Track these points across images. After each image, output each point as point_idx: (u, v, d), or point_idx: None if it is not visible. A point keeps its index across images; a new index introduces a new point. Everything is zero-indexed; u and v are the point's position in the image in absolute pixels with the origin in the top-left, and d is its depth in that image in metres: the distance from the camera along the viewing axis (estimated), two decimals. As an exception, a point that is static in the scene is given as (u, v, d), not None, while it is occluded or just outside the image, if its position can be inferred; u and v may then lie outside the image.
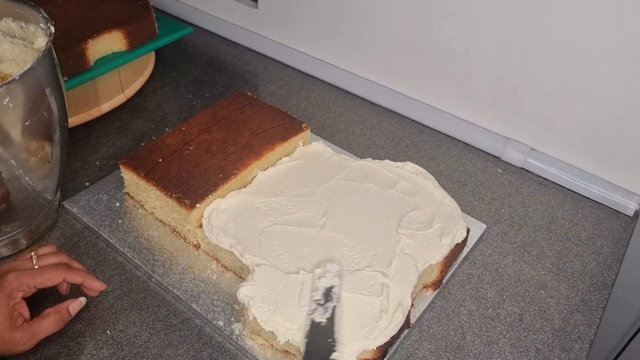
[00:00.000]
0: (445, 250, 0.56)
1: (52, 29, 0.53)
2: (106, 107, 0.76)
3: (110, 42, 0.80)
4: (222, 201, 0.58)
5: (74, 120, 0.73)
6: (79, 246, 0.60)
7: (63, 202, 0.63)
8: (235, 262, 0.55)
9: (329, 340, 0.45)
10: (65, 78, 0.75)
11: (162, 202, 0.59)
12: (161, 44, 0.86)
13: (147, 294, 0.56)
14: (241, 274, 0.56)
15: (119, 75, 0.81)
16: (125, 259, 0.59)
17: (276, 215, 0.58)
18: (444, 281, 0.58)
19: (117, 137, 0.75)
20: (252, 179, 0.62)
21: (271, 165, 0.64)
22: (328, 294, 0.48)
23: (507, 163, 0.76)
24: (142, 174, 0.59)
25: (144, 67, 0.84)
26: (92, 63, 0.78)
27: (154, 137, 0.73)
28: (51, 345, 0.50)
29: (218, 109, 0.69)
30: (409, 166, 0.64)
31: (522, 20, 0.66)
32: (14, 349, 0.47)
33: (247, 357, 0.51)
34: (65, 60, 0.74)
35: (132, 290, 0.56)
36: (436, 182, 0.63)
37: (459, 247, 0.59)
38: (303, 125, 0.67)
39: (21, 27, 0.57)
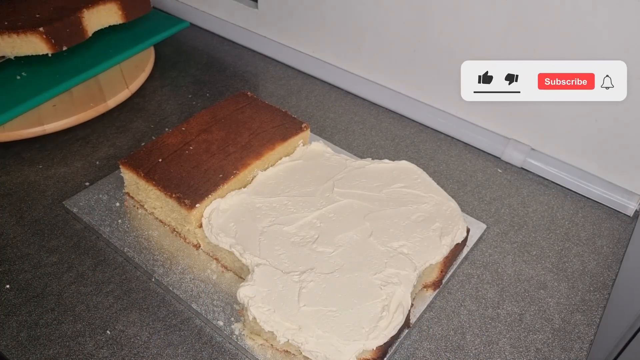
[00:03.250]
0: (445, 250, 0.56)
1: None
2: (112, 102, 0.77)
3: (106, 14, 0.81)
4: (222, 201, 0.58)
5: (79, 118, 0.73)
6: (79, 246, 0.60)
7: (63, 202, 0.63)
8: (235, 262, 0.55)
9: None
10: (65, 47, 0.75)
11: (162, 202, 0.59)
12: (159, 39, 0.87)
13: (147, 294, 0.56)
14: (241, 274, 0.56)
15: (121, 70, 0.82)
16: (125, 259, 0.59)
17: (276, 215, 0.58)
18: (444, 281, 0.58)
19: (117, 137, 0.75)
20: (252, 179, 0.62)
21: (271, 165, 0.64)
22: None
23: (507, 163, 0.76)
24: (142, 174, 0.59)
25: (145, 62, 0.84)
26: (89, 34, 0.79)
27: (154, 137, 0.73)
28: (51, 345, 0.50)
29: (218, 109, 0.69)
30: (405, 164, 0.64)
31: (522, 20, 0.66)
32: None
33: (247, 357, 0.51)
34: (63, 29, 0.74)
35: (132, 290, 0.56)
36: (430, 179, 0.63)
37: (459, 247, 0.59)
38: (303, 125, 0.67)
39: None
